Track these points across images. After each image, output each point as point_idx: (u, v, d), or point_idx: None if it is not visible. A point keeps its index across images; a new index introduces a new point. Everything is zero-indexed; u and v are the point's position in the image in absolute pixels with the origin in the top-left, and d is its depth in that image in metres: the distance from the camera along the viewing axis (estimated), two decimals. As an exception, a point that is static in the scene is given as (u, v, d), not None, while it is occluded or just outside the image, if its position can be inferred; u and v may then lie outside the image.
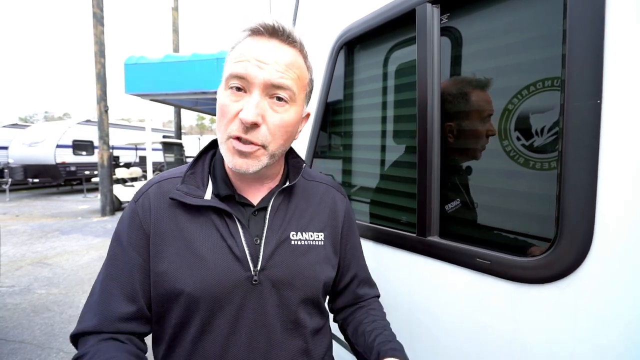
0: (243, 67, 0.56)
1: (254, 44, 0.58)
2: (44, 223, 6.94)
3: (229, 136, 0.58)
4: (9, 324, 2.94)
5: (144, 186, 0.68)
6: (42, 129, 12.16)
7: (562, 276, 0.60)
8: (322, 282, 0.67)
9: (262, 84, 0.56)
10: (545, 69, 0.67)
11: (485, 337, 0.74)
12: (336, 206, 0.75)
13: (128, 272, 0.61)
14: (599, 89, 0.55)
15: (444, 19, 0.85)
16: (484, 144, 0.79)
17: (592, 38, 0.55)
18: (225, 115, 0.58)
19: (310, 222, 0.69)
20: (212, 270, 0.59)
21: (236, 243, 0.61)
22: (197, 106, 8.72)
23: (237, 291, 0.60)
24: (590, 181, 0.56)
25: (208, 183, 0.67)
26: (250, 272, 0.61)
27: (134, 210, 0.64)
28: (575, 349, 0.59)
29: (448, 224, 0.87)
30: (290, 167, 0.73)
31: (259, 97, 0.57)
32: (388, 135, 1.09)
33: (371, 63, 1.13)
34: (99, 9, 7.55)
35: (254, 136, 0.57)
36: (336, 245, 0.73)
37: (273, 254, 0.63)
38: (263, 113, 0.57)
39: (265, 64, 0.56)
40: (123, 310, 0.60)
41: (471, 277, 0.76)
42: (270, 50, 0.58)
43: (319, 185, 0.76)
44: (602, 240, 0.56)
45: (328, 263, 0.70)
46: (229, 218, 0.63)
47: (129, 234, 0.62)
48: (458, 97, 0.84)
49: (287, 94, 0.58)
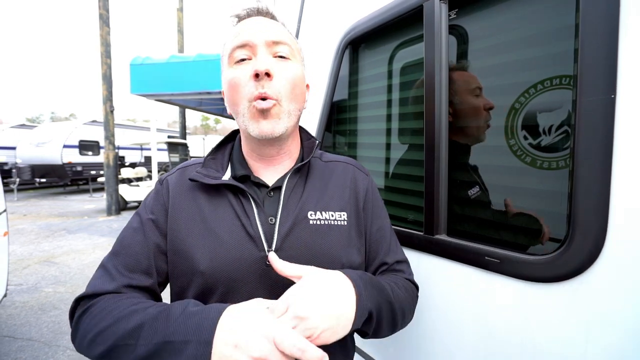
0: (242, 38, 0.62)
1: (245, 23, 0.65)
2: (50, 222, 7.01)
3: (251, 98, 0.60)
4: (16, 321, 2.97)
5: (170, 171, 0.72)
6: (49, 129, 12.29)
7: (574, 275, 0.59)
8: (342, 264, 0.62)
9: (264, 42, 0.61)
10: (557, 66, 0.66)
11: (494, 337, 0.73)
12: (357, 184, 0.72)
13: (143, 246, 0.61)
14: (613, 83, 0.53)
15: (452, 15, 0.84)
16: (489, 141, 0.79)
17: (606, 31, 0.54)
18: (238, 84, 0.61)
19: (330, 201, 0.67)
20: (227, 249, 0.59)
21: (250, 222, 0.61)
22: (201, 106, 8.75)
23: (252, 271, 0.59)
24: (603, 178, 0.55)
25: (227, 167, 0.70)
26: (264, 252, 0.59)
27: (158, 191, 0.68)
28: (587, 350, 0.58)
29: (455, 222, 0.86)
30: (305, 147, 0.74)
31: (265, 54, 0.62)
32: (395, 134, 1.08)
33: (377, 60, 1.13)
34: (105, 10, 7.61)
35: (270, 88, 0.59)
36: (360, 226, 0.68)
37: (289, 233, 0.61)
38: (272, 66, 0.60)
39: (261, 30, 0.63)
40: (131, 281, 0.59)
41: (480, 276, 0.75)
42: (261, 24, 0.64)
43: (337, 164, 0.74)
44: (616, 238, 0.54)
45: (352, 246, 0.65)
46: (244, 197, 0.63)
47: (152, 210, 0.65)
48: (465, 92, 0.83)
49: (288, 49, 0.64)
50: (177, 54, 7.72)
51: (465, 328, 0.79)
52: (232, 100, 0.63)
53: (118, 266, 0.60)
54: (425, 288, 0.89)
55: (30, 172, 11.37)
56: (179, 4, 10.98)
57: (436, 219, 0.85)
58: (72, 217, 7.66)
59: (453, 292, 0.82)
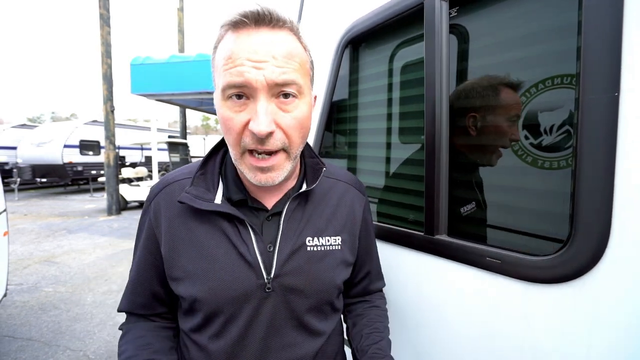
0: (239, 74, 0.49)
1: (241, 41, 0.50)
2: (51, 222, 7.02)
3: (245, 151, 0.54)
4: (16, 321, 2.97)
5: (155, 188, 0.66)
6: (49, 129, 12.31)
7: (576, 276, 0.58)
8: (337, 285, 0.66)
9: (265, 87, 0.50)
10: (559, 64, 0.65)
11: (495, 338, 0.72)
12: (354, 207, 0.72)
13: (147, 276, 0.66)
14: (617, 81, 0.53)
15: (453, 12, 0.84)
16: (495, 142, 0.78)
17: (609, 27, 0.53)
18: (233, 129, 0.53)
19: (327, 226, 0.66)
20: (224, 278, 0.58)
21: (248, 250, 0.59)
22: (202, 106, 8.75)
23: (251, 299, 0.59)
24: (606, 178, 0.54)
25: (218, 185, 0.64)
26: (264, 280, 0.59)
27: (147, 221, 0.65)
28: (589, 352, 0.57)
29: (456, 223, 0.85)
30: (308, 167, 0.69)
31: (266, 102, 0.51)
32: (395, 133, 1.07)
33: (377, 59, 1.12)
34: (106, 10, 7.61)
35: (271, 144, 0.52)
36: (354, 247, 0.71)
37: (287, 261, 0.61)
38: (274, 118, 0.52)
39: (262, 62, 0.49)
40: (153, 311, 0.69)
41: (481, 277, 0.74)
42: (262, 44, 0.50)
43: (337, 184, 0.72)
44: (620, 239, 0.54)
45: (344, 264, 0.68)
46: (241, 224, 0.60)
47: (144, 242, 0.65)
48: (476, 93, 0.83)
49: (294, 88, 0.53)
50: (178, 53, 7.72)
51: (465, 329, 0.78)
52: (226, 136, 0.56)
53: (136, 302, 0.68)
54: (425, 289, 0.88)
55: (31, 171, 11.38)
56: (179, 4, 10.97)
57: (436, 219, 0.84)
58: (72, 216, 7.67)
59: (453, 293, 0.81)
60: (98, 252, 5.02)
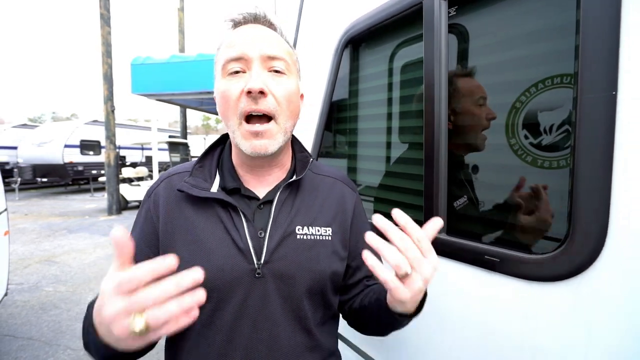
0: (237, 50, 0.60)
1: (241, 31, 0.63)
2: (52, 222, 7.03)
3: (242, 115, 0.60)
4: (17, 320, 2.98)
5: (156, 180, 0.71)
6: (50, 129, 12.33)
7: (574, 274, 0.58)
8: (327, 275, 0.67)
9: (259, 57, 0.60)
10: (558, 63, 0.66)
11: (494, 336, 0.72)
12: (345, 200, 0.74)
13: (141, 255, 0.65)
14: (614, 80, 0.53)
15: (452, 12, 0.84)
16: (473, 123, 0.78)
17: (607, 27, 0.53)
18: (230, 97, 0.60)
19: (317, 217, 0.69)
20: (216, 262, 0.60)
21: (240, 236, 0.62)
22: (202, 106, 8.76)
23: (241, 284, 0.61)
24: (604, 176, 0.54)
25: (215, 176, 0.69)
26: (254, 265, 0.61)
27: (146, 208, 0.68)
28: (587, 349, 0.57)
29: (455, 221, 0.85)
30: (298, 161, 0.73)
31: (260, 69, 0.60)
32: (394, 133, 1.07)
33: (377, 59, 1.12)
34: (106, 10, 7.62)
35: (264, 105, 0.59)
36: (345, 240, 0.72)
37: (277, 247, 0.63)
38: (267, 84, 0.60)
39: (257, 41, 0.61)
40: None
41: (479, 275, 0.75)
42: (258, 31, 0.63)
43: (326, 180, 0.75)
44: (617, 237, 0.54)
45: (335, 256, 0.69)
46: (233, 211, 0.64)
47: (142, 226, 0.67)
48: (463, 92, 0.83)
49: (283, 64, 0.62)
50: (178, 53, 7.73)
51: (464, 328, 0.79)
52: (224, 113, 0.63)
53: None
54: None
55: (32, 171, 11.40)
56: (179, 4, 10.98)
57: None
58: (73, 216, 7.68)
59: (452, 291, 0.82)
60: (98, 251, 5.03)
